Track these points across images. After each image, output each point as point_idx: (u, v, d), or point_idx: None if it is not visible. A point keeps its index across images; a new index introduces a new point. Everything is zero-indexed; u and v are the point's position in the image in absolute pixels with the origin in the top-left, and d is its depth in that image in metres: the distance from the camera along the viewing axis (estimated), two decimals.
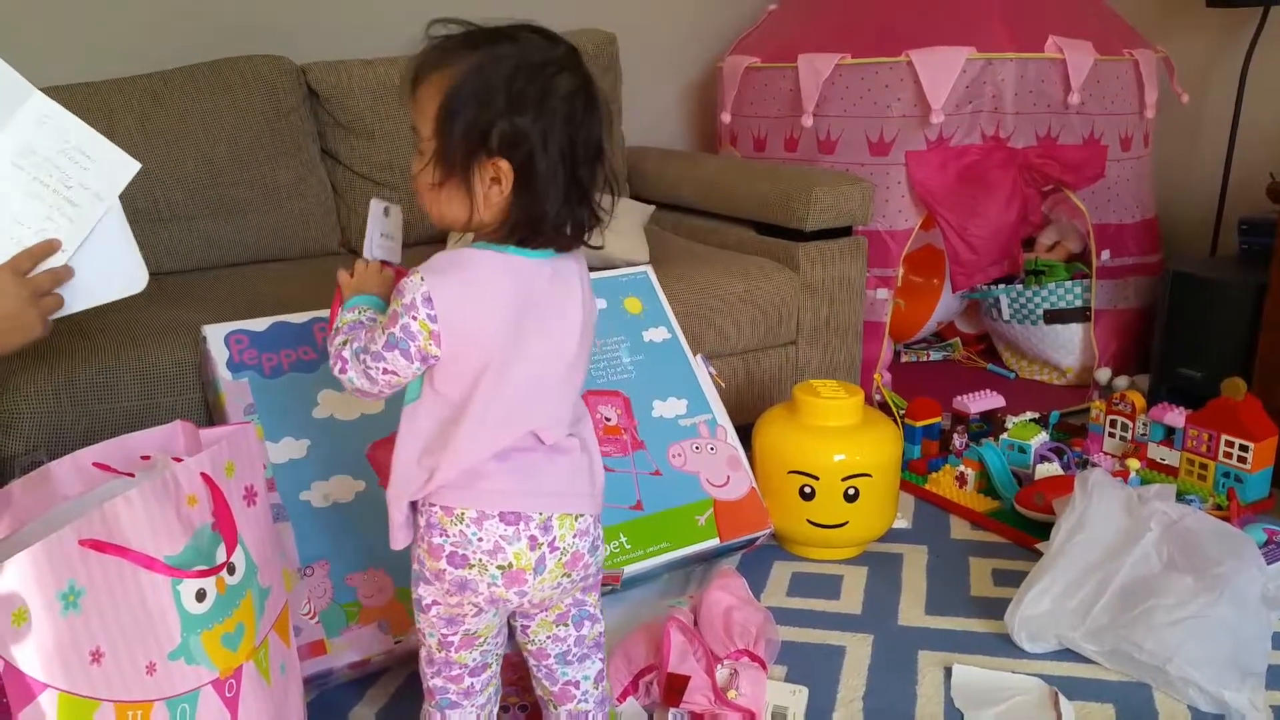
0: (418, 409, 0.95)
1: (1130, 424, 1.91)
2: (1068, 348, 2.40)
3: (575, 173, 0.91)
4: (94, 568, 0.80)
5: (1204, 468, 1.76)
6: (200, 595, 0.88)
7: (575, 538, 0.96)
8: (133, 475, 0.97)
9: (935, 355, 2.64)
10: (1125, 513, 1.43)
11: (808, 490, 1.55)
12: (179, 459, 0.94)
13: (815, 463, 1.54)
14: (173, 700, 0.85)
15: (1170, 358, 2.18)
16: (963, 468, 1.84)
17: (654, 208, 2.17)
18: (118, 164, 1.19)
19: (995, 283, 2.41)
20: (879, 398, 2.17)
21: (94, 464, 0.97)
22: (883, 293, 2.20)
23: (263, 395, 1.37)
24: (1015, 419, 1.98)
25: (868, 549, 1.65)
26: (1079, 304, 2.37)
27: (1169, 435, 1.83)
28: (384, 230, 1.08)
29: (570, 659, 1.04)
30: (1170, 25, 2.54)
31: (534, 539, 0.93)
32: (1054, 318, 2.39)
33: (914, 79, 2.10)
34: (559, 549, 0.95)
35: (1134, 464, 1.76)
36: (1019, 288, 2.40)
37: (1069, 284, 2.37)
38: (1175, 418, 1.81)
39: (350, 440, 1.38)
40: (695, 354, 1.66)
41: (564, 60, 0.90)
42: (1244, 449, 1.70)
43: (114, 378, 1.45)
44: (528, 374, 0.92)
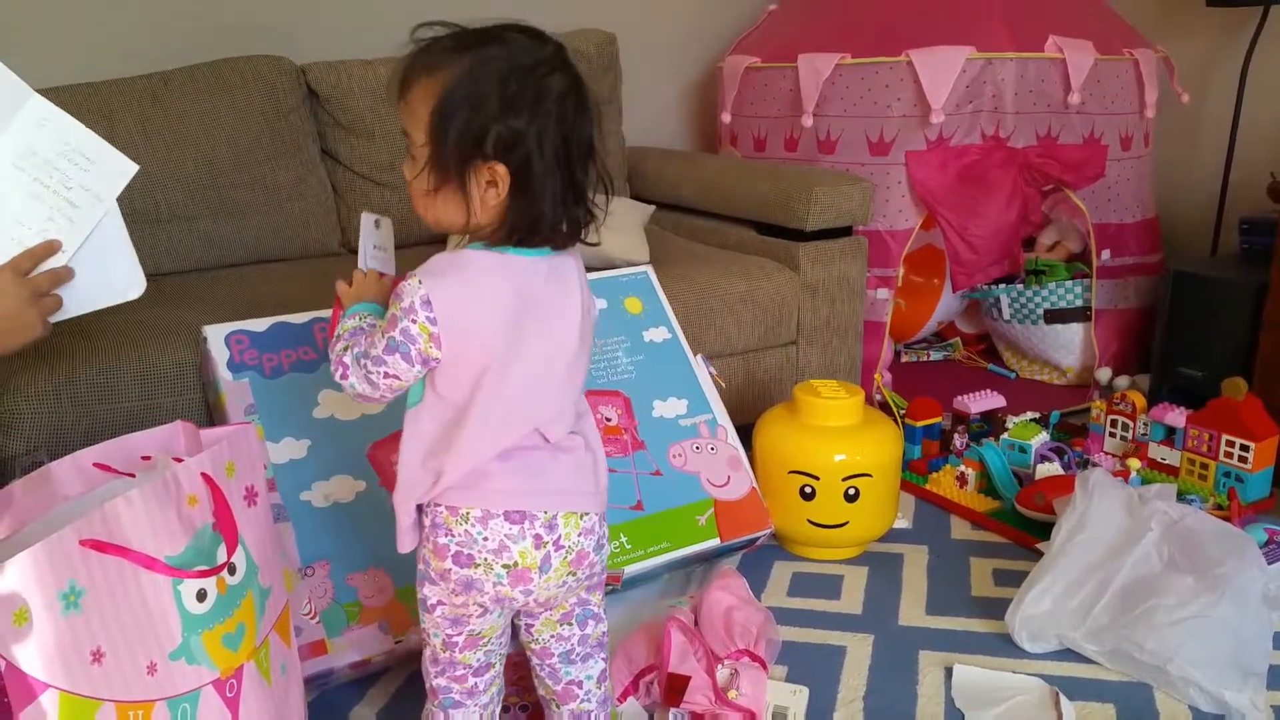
0: (420, 412, 0.95)
1: (1131, 424, 1.91)
2: (1068, 347, 2.40)
3: (570, 172, 0.91)
4: (95, 568, 0.80)
5: (1205, 467, 1.76)
6: (201, 595, 0.88)
7: (580, 536, 0.96)
8: (133, 475, 0.97)
9: (936, 355, 2.64)
10: (1126, 513, 1.43)
11: (808, 490, 1.55)
12: (180, 459, 0.94)
13: (816, 463, 1.54)
14: (174, 700, 0.85)
15: (1171, 357, 2.18)
16: (963, 468, 1.84)
17: (654, 208, 2.17)
18: (116, 166, 1.20)
19: (996, 282, 2.41)
20: (879, 398, 2.17)
21: (95, 464, 0.97)
22: (883, 293, 2.20)
23: (263, 395, 1.37)
24: (1016, 419, 1.98)
25: (868, 549, 1.65)
26: (1079, 304, 2.36)
27: (1170, 435, 1.83)
28: (376, 242, 1.09)
29: (574, 658, 1.05)
30: (1170, 25, 2.54)
31: (539, 538, 0.93)
32: (1054, 317, 2.39)
33: (914, 79, 2.10)
34: (564, 547, 0.95)
35: (1135, 464, 1.76)
36: (1019, 287, 2.40)
37: (1069, 284, 2.37)
38: (1176, 417, 1.81)
39: (351, 440, 1.38)
40: (696, 354, 1.66)
41: (554, 60, 0.90)
42: (1245, 449, 1.70)
43: (114, 378, 1.45)
44: (528, 373, 0.92)
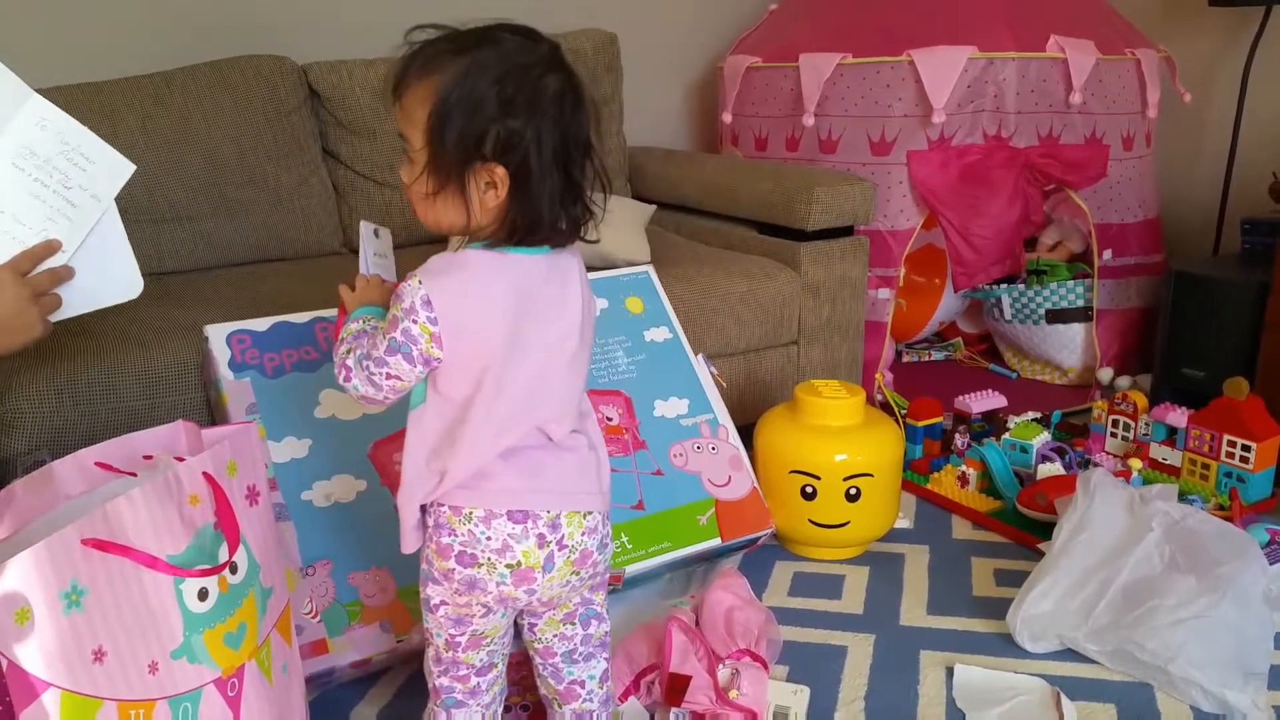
0: (423, 412, 0.95)
1: (1132, 424, 1.91)
2: (1070, 347, 2.40)
3: (568, 171, 0.91)
4: (96, 567, 0.80)
5: (1206, 468, 1.76)
6: (202, 594, 0.88)
7: (584, 535, 0.96)
8: (135, 475, 0.97)
9: (937, 355, 2.64)
10: (1127, 513, 1.42)
11: (809, 490, 1.55)
12: (181, 458, 0.94)
13: (817, 462, 1.54)
14: (175, 699, 0.85)
15: (1172, 357, 2.18)
16: (964, 467, 1.84)
17: (655, 208, 2.17)
18: (114, 166, 1.20)
19: (997, 282, 2.41)
20: (880, 397, 2.17)
21: (96, 463, 0.97)
22: (884, 292, 2.20)
23: (264, 395, 1.37)
24: (1017, 419, 1.98)
25: (869, 549, 1.65)
26: (1081, 304, 2.36)
27: (1171, 435, 1.83)
28: (376, 250, 1.09)
29: (576, 658, 1.05)
30: (1172, 24, 2.54)
31: (542, 537, 0.93)
32: (1056, 317, 2.38)
33: (915, 78, 2.10)
34: (567, 547, 0.95)
35: (1136, 464, 1.76)
36: (1021, 287, 2.40)
37: (1071, 284, 2.37)
38: (1177, 418, 1.81)
39: (352, 440, 1.38)
40: (697, 354, 1.66)
41: (549, 60, 0.90)
42: (1246, 449, 1.70)
43: (116, 378, 1.45)
44: (530, 370, 0.93)
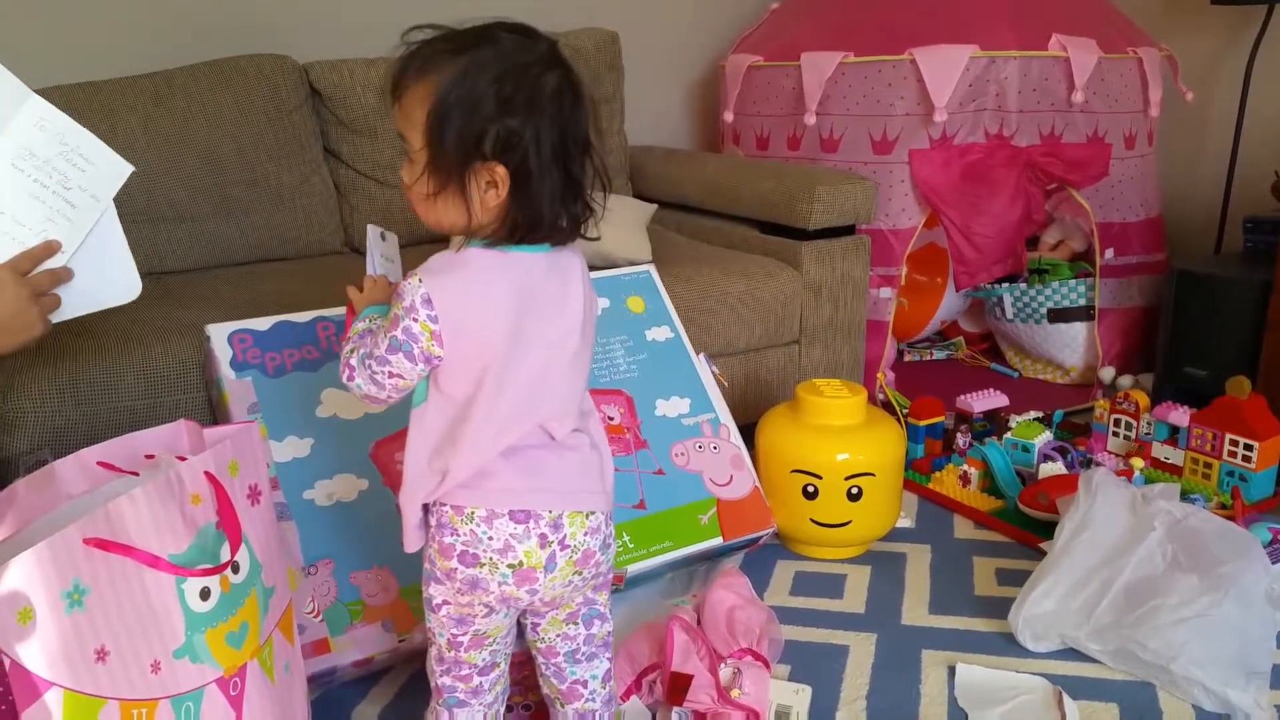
0: (425, 411, 0.95)
1: (1134, 423, 1.90)
2: (1071, 347, 2.40)
3: (568, 169, 0.91)
4: (99, 566, 0.80)
5: (1208, 467, 1.76)
6: (204, 594, 0.88)
7: (586, 535, 0.96)
8: (137, 474, 0.97)
9: (938, 354, 2.64)
10: (1129, 512, 1.42)
11: (811, 489, 1.55)
12: (183, 458, 0.94)
13: (818, 462, 1.54)
14: (177, 699, 0.85)
15: (1175, 356, 2.17)
16: (966, 467, 1.84)
17: (656, 207, 2.17)
18: (113, 167, 1.20)
19: (999, 281, 2.40)
20: (882, 397, 2.17)
21: (98, 463, 0.97)
22: (886, 291, 2.20)
23: (266, 394, 1.37)
24: (1019, 418, 1.98)
25: (871, 548, 1.65)
26: (1083, 303, 2.36)
27: (1173, 434, 1.83)
28: (383, 253, 1.09)
29: (579, 658, 1.05)
30: (1174, 23, 2.54)
31: (544, 537, 0.93)
32: (1058, 316, 2.38)
33: (917, 77, 2.09)
34: (569, 547, 0.95)
35: (1138, 463, 1.76)
36: (1022, 286, 2.40)
37: (1073, 283, 2.36)
38: (1179, 417, 1.80)
39: (353, 439, 1.38)
40: (698, 353, 1.66)
41: (547, 58, 0.90)
42: (1249, 448, 1.70)
43: (118, 377, 1.45)
44: (531, 368, 0.93)
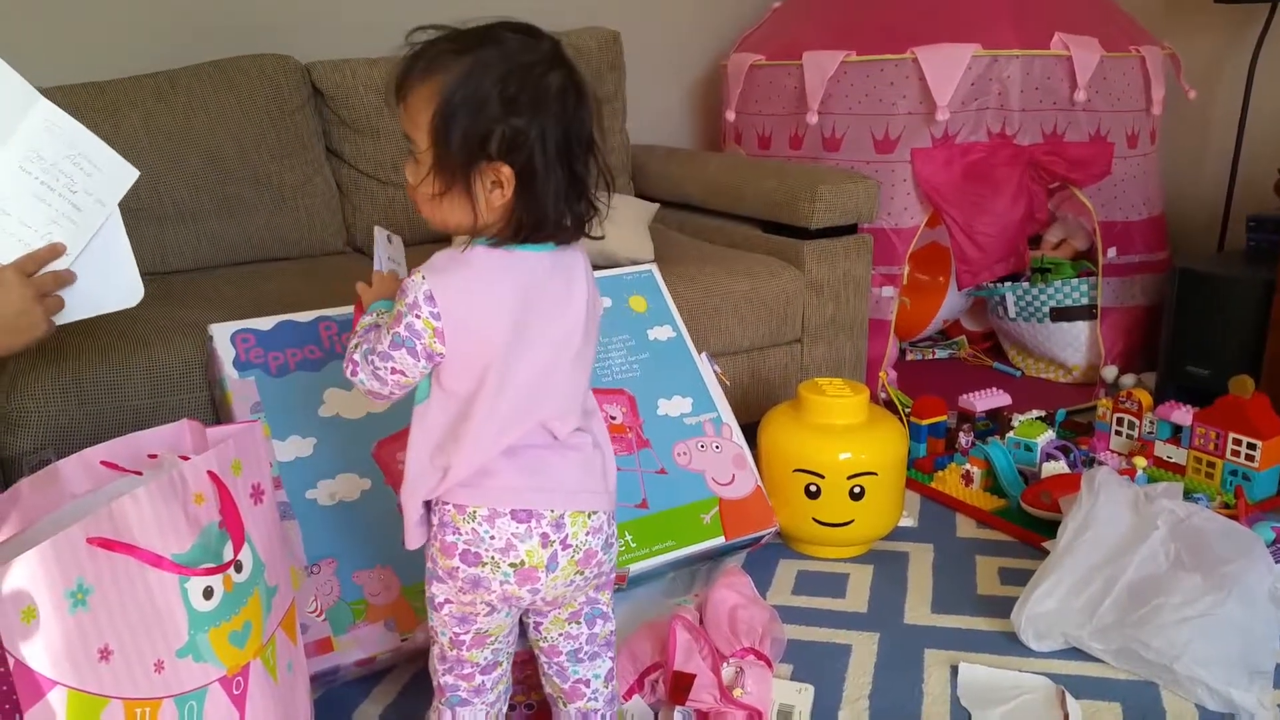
0: (427, 408, 0.95)
1: (1137, 422, 1.90)
2: (1074, 345, 2.40)
3: (572, 168, 0.91)
4: (102, 565, 0.80)
5: (1211, 466, 1.76)
6: (208, 593, 0.88)
7: (588, 535, 0.96)
8: (140, 473, 0.97)
9: (941, 353, 2.64)
10: (1132, 511, 1.42)
11: (813, 488, 1.55)
12: (186, 457, 0.94)
13: (821, 461, 1.54)
14: (181, 698, 0.85)
15: (1177, 355, 2.17)
16: (969, 466, 1.84)
17: (658, 206, 2.17)
18: (119, 171, 1.21)
19: (1001, 280, 2.40)
20: (884, 396, 2.17)
21: (102, 462, 0.97)
22: (888, 290, 2.20)
23: (269, 394, 1.37)
24: (1021, 417, 1.98)
25: (873, 547, 1.65)
26: (1085, 301, 2.36)
27: (1176, 433, 1.83)
28: (389, 254, 1.10)
29: (581, 657, 1.05)
30: (1177, 21, 2.53)
31: (546, 536, 0.93)
32: (1060, 315, 2.38)
33: (919, 76, 2.09)
34: (571, 546, 0.95)
35: (1141, 462, 1.76)
36: (1025, 285, 2.40)
37: (1075, 281, 2.36)
38: (1182, 416, 1.80)
39: (356, 438, 1.38)
40: (700, 352, 1.66)
41: (551, 57, 0.90)
42: (1252, 447, 1.70)
43: (121, 377, 1.45)
44: (534, 366, 0.93)
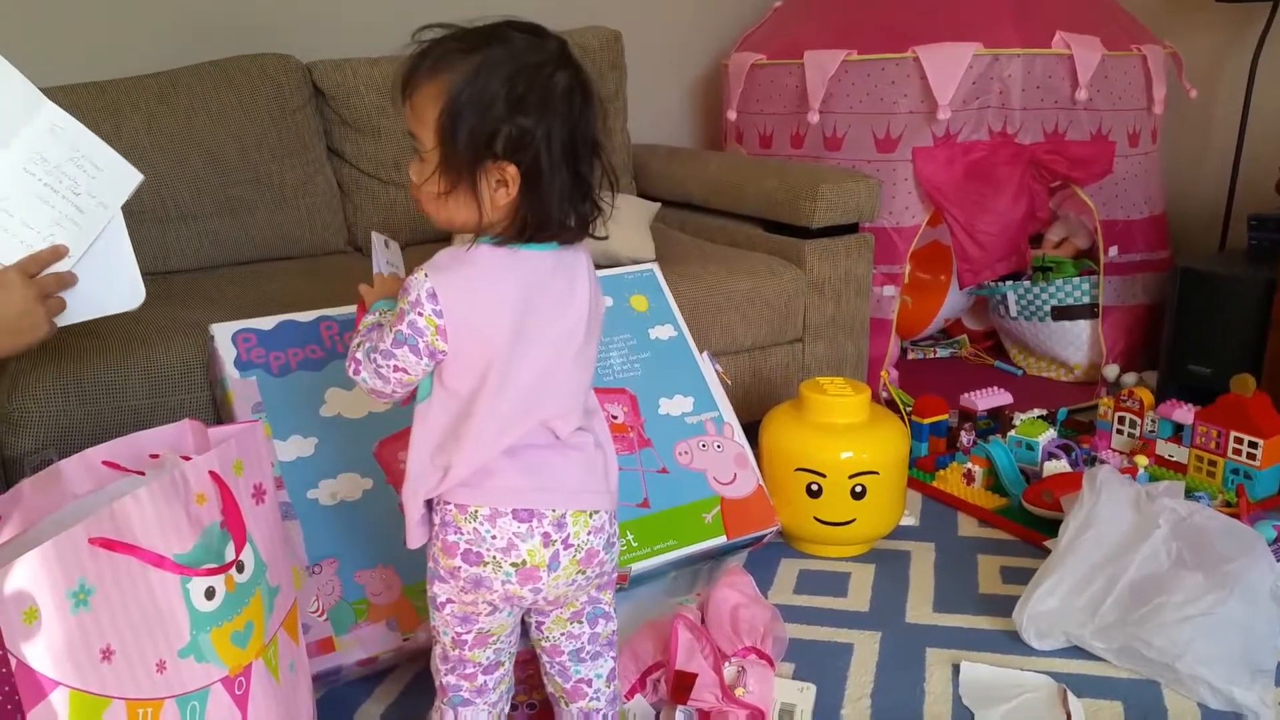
0: (429, 407, 0.95)
1: (1139, 420, 1.90)
2: (1075, 344, 2.39)
3: (577, 168, 0.91)
4: (104, 566, 0.80)
5: (1213, 464, 1.76)
6: (210, 593, 0.88)
7: (589, 534, 0.96)
8: (142, 474, 0.97)
9: (942, 352, 2.64)
10: (1134, 510, 1.42)
11: (815, 488, 1.55)
12: (188, 457, 0.94)
13: (822, 460, 1.54)
14: (183, 698, 0.85)
15: (1179, 354, 2.17)
16: (970, 465, 1.84)
17: (660, 205, 2.16)
18: (123, 174, 1.21)
19: (1002, 279, 2.40)
20: (886, 395, 2.17)
21: (103, 462, 0.97)
22: (889, 290, 2.20)
23: (270, 393, 1.37)
24: (1023, 416, 1.98)
25: (875, 546, 1.65)
26: (1087, 300, 2.36)
27: (1177, 432, 1.83)
28: (387, 259, 1.10)
29: (583, 657, 1.05)
30: (1178, 20, 2.53)
31: (547, 536, 0.93)
32: (1061, 314, 2.38)
33: (921, 75, 2.09)
34: (573, 546, 0.95)
35: (1142, 461, 1.75)
36: (1026, 284, 2.39)
37: (1077, 280, 2.36)
38: (1184, 414, 1.80)
39: (358, 438, 1.38)
40: (702, 351, 1.66)
41: (558, 57, 0.90)
42: (1253, 445, 1.70)
43: (122, 377, 1.45)
44: (535, 365, 0.93)
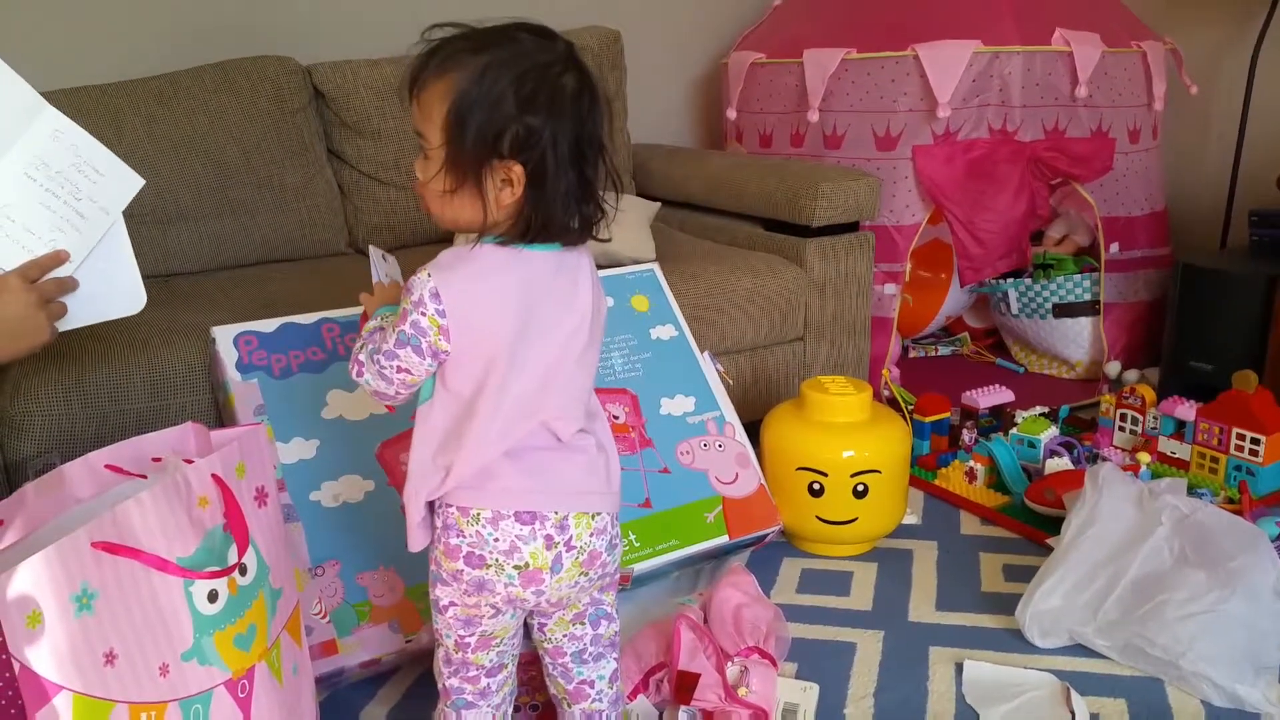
0: (431, 408, 0.95)
1: (1140, 418, 1.90)
2: (1077, 341, 2.39)
3: (582, 170, 0.91)
4: (107, 570, 0.80)
5: (1215, 461, 1.76)
6: (212, 596, 0.88)
7: (592, 536, 0.96)
8: (144, 477, 0.97)
9: (943, 350, 2.64)
10: (1136, 507, 1.42)
11: (816, 487, 1.55)
12: (190, 460, 0.94)
13: (824, 459, 1.54)
14: (186, 701, 0.86)
15: (1180, 351, 2.17)
16: (972, 463, 1.84)
17: (660, 205, 2.16)
18: (124, 179, 1.21)
19: (1003, 277, 2.40)
20: (887, 393, 2.17)
21: (106, 466, 0.97)
22: (890, 288, 2.19)
23: (272, 396, 1.38)
24: (1024, 414, 1.98)
25: (877, 545, 1.65)
26: (1088, 297, 2.36)
27: (1179, 429, 1.82)
28: (386, 272, 1.10)
29: (586, 658, 1.05)
30: (1178, 16, 2.53)
31: (550, 538, 0.93)
32: (1063, 311, 2.38)
33: (920, 73, 2.09)
34: (575, 548, 0.95)
35: (1144, 458, 1.75)
36: (1027, 282, 2.39)
37: (1078, 277, 2.36)
38: (1186, 411, 1.80)
39: (359, 440, 1.38)
40: (703, 351, 1.66)
41: (566, 59, 0.91)
42: (1255, 442, 1.70)
43: (124, 380, 1.45)
44: (537, 365, 0.93)
